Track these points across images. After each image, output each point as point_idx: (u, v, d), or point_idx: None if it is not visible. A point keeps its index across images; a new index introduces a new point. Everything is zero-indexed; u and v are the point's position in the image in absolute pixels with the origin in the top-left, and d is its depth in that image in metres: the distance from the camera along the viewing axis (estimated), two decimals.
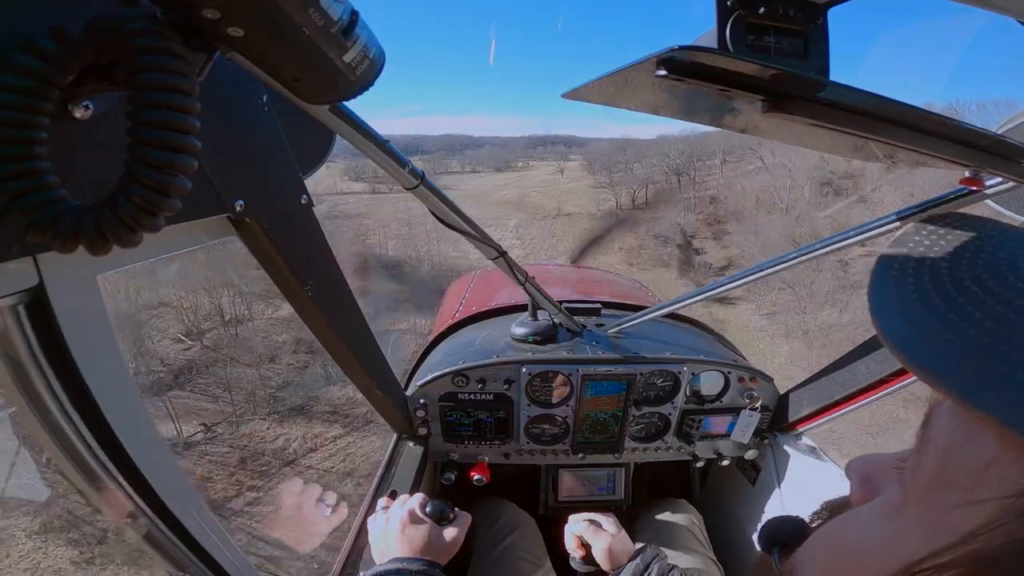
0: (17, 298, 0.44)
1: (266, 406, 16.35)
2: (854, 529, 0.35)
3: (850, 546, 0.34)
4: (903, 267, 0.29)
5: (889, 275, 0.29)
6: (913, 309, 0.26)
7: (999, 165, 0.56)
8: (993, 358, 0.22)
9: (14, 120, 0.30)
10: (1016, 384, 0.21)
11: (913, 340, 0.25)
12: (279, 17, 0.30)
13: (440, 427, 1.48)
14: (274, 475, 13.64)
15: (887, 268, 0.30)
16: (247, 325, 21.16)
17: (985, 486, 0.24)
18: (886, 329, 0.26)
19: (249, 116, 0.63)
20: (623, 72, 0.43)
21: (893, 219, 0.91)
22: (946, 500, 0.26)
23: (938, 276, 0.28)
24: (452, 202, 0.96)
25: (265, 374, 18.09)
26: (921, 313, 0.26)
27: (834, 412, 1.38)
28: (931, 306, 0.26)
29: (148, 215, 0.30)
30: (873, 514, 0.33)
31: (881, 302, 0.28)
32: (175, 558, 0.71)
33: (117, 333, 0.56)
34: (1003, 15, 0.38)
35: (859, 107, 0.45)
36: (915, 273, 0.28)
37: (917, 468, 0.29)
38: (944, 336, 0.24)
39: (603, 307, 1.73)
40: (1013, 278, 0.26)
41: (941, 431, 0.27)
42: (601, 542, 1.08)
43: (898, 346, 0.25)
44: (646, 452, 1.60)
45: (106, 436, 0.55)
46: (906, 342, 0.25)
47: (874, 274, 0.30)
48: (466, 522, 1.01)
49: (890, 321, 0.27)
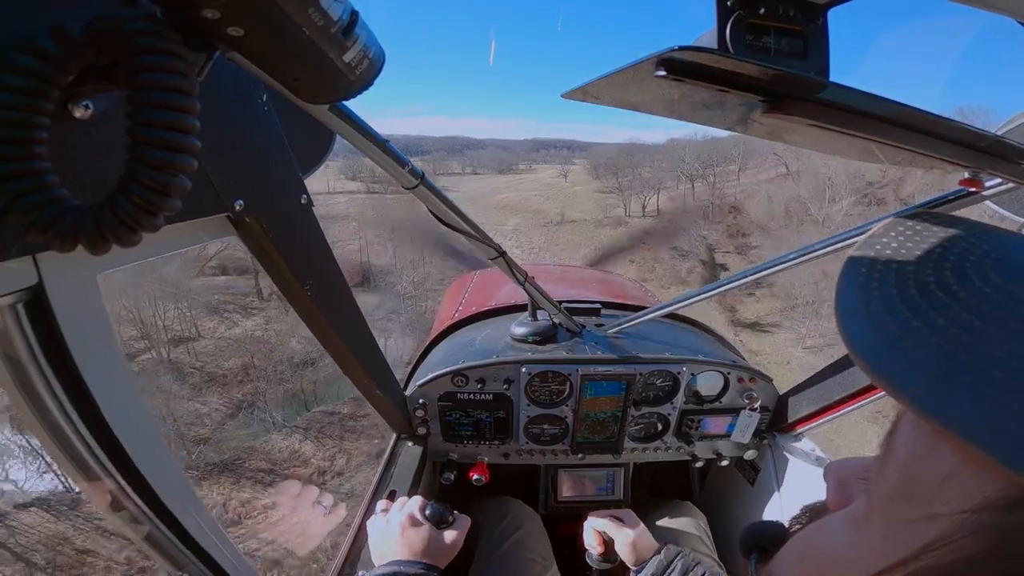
0: (16, 297, 0.44)
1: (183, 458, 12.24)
2: (826, 536, 0.34)
3: (820, 553, 0.34)
4: (869, 270, 0.28)
5: (855, 278, 0.28)
6: (876, 314, 0.26)
7: (998, 166, 0.56)
8: (954, 368, 0.22)
9: (14, 120, 0.30)
10: (976, 395, 0.20)
11: (874, 347, 0.25)
12: (279, 17, 0.30)
13: (439, 427, 1.48)
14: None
15: (854, 271, 0.29)
16: (190, 347, 17.43)
17: (942, 500, 0.23)
18: (848, 335, 0.26)
19: (249, 116, 0.63)
20: (623, 72, 0.43)
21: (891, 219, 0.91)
22: (906, 513, 0.26)
23: (903, 280, 0.27)
24: (452, 202, 0.96)
25: (193, 414, 14.15)
26: (884, 319, 0.25)
27: (833, 413, 1.38)
28: (894, 312, 0.25)
29: (148, 215, 0.30)
30: (842, 522, 0.33)
31: (846, 306, 0.27)
32: (174, 558, 0.71)
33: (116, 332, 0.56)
34: (1003, 15, 0.38)
35: (859, 108, 0.45)
36: (881, 276, 0.28)
37: (880, 479, 0.28)
38: (905, 344, 0.24)
39: (603, 307, 1.73)
40: (980, 282, 0.25)
41: (903, 442, 0.27)
42: (625, 537, 1.08)
43: (859, 353, 0.25)
44: (645, 452, 1.60)
45: (105, 435, 0.55)
46: (867, 349, 0.25)
47: (841, 276, 0.29)
48: (465, 525, 1.01)
49: (853, 327, 0.26)
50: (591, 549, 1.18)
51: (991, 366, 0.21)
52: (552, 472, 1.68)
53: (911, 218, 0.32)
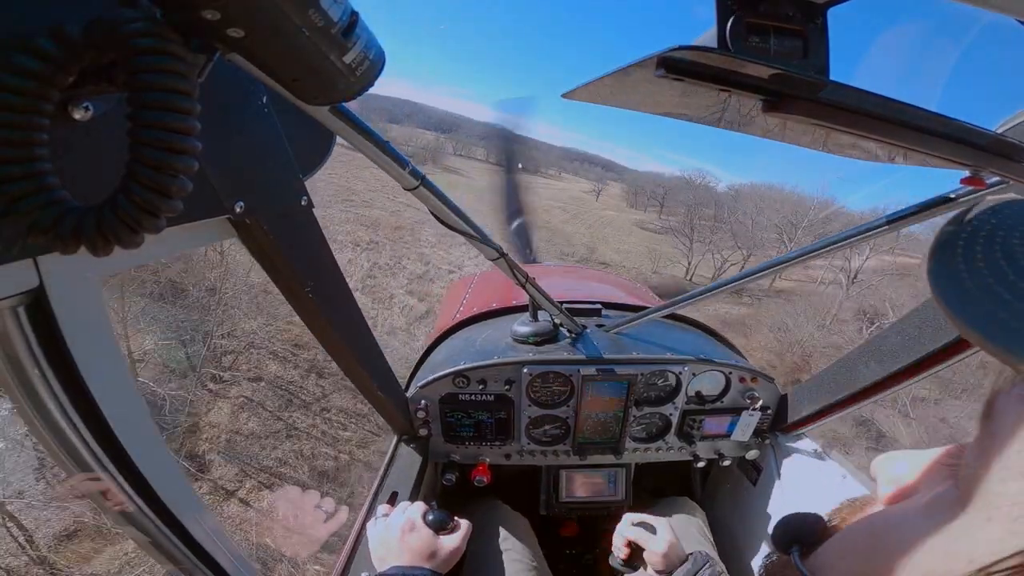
0: (17, 299, 0.44)
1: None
2: (896, 529, 0.33)
3: (891, 546, 0.33)
4: (966, 244, 0.28)
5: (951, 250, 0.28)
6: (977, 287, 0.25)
7: (999, 164, 0.56)
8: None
9: (14, 122, 0.30)
10: None
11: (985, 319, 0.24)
12: (279, 18, 0.30)
13: (441, 428, 1.48)
14: None
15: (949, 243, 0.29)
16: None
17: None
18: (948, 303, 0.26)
19: (249, 117, 0.63)
20: (623, 72, 0.43)
21: (883, 222, 0.91)
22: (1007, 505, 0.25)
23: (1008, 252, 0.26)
24: (452, 203, 0.96)
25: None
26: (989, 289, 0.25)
27: (835, 413, 1.38)
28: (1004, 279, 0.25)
29: (149, 216, 0.30)
30: (921, 513, 0.32)
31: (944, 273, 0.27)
32: (175, 558, 0.71)
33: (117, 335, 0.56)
34: (1003, 15, 0.38)
35: (859, 107, 0.45)
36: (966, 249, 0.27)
37: (980, 463, 0.27)
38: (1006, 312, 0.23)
39: (604, 307, 1.73)
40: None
41: (1009, 418, 0.26)
42: (656, 547, 1.07)
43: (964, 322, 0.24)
44: (647, 452, 1.60)
45: (106, 437, 0.55)
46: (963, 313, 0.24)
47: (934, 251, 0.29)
48: (467, 531, 1.00)
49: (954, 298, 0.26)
50: (617, 552, 1.18)
51: None
52: (554, 473, 1.68)
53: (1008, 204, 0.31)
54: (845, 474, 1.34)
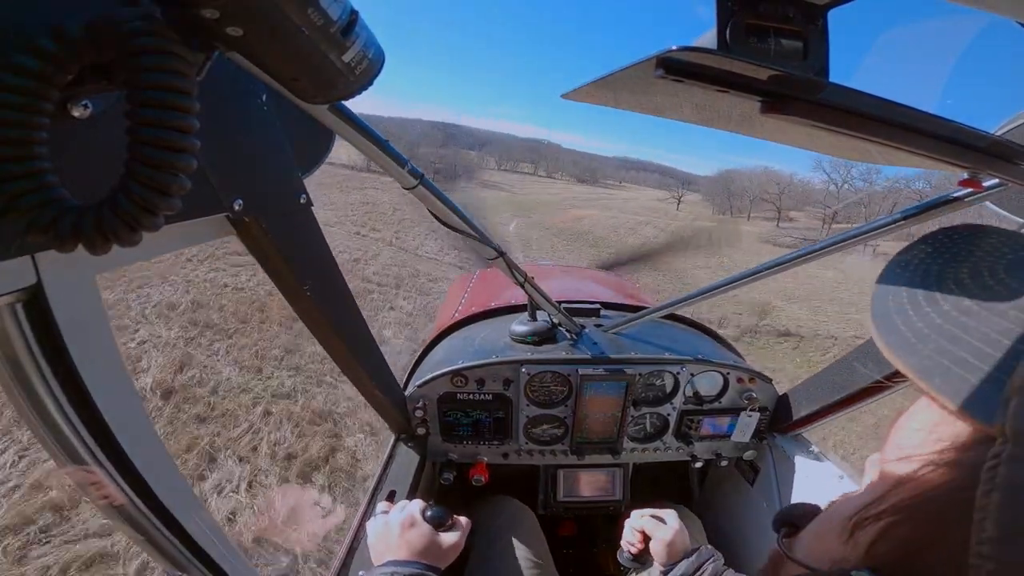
0: (15, 297, 0.44)
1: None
2: (838, 503, 0.39)
3: (825, 515, 0.40)
4: (903, 270, 0.34)
5: (891, 275, 0.34)
6: (899, 303, 0.31)
7: (997, 167, 0.56)
8: (947, 343, 0.27)
9: (14, 120, 0.30)
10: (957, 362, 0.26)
11: (890, 328, 0.30)
12: (278, 17, 0.30)
13: (439, 427, 1.48)
14: None
15: (892, 270, 0.34)
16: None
17: (923, 445, 0.29)
18: (876, 322, 0.31)
19: (248, 115, 0.63)
20: (622, 73, 0.43)
21: (884, 223, 0.92)
22: (887, 460, 0.31)
23: (927, 276, 0.32)
24: (452, 202, 0.96)
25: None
26: (905, 308, 0.31)
27: (833, 414, 1.38)
28: (914, 301, 0.31)
29: (148, 214, 0.31)
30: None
31: (880, 298, 0.33)
32: (173, 558, 0.71)
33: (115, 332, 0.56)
34: (1003, 16, 0.38)
35: (858, 108, 0.45)
36: (911, 275, 0.33)
37: (885, 447, 0.33)
38: (912, 327, 0.29)
39: (602, 308, 1.73)
40: (988, 278, 0.30)
41: (908, 413, 0.32)
42: (663, 535, 1.09)
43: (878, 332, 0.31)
44: (645, 452, 1.60)
45: (103, 435, 0.55)
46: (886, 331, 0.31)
47: (883, 274, 0.34)
48: (466, 528, 1.01)
49: (881, 317, 0.31)
50: (628, 547, 1.19)
51: (973, 338, 0.26)
52: (551, 472, 1.68)
53: (951, 229, 0.37)
54: (842, 475, 1.34)
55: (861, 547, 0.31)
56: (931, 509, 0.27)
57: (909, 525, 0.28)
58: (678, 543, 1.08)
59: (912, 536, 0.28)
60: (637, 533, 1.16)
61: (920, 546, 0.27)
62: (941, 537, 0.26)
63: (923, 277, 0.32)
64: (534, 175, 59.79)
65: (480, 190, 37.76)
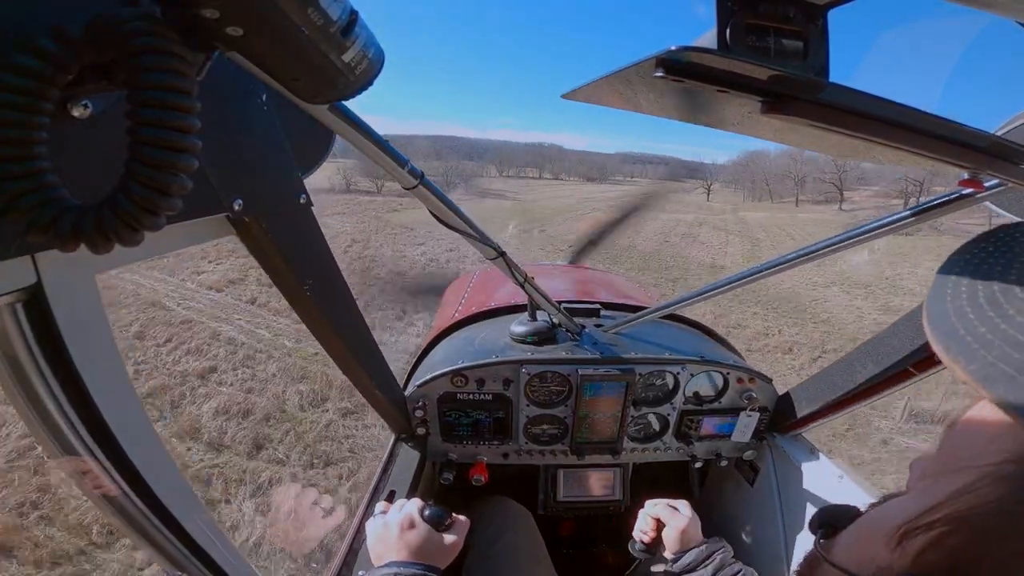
0: (15, 296, 0.44)
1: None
2: (883, 507, 0.39)
3: (868, 520, 0.40)
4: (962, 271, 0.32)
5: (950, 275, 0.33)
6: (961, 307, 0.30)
7: (998, 167, 0.56)
8: (1013, 349, 0.25)
9: (14, 120, 0.30)
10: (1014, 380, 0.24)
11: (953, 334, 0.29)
12: (278, 17, 0.30)
13: (439, 427, 1.48)
14: None
15: (949, 270, 0.33)
16: None
17: (980, 456, 0.28)
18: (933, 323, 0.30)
19: (248, 115, 0.63)
20: (622, 73, 0.43)
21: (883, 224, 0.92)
22: (940, 471, 0.31)
23: (990, 279, 0.31)
24: (451, 202, 0.96)
25: None
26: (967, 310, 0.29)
27: (832, 414, 1.38)
28: (977, 305, 0.29)
29: (148, 214, 0.31)
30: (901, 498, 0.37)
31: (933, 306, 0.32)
32: (173, 557, 0.71)
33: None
34: (1003, 16, 0.38)
35: (858, 108, 0.45)
36: (971, 276, 0.32)
37: (937, 452, 0.33)
38: (976, 331, 0.28)
39: (602, 308, 1.73)
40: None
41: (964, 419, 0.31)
42: (678, 523, 1.11)
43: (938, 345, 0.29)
44: (645, 453, 1.60)
45: (103, 434, 0.55)
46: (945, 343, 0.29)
47: (941, 271, 0.34)
48: (465, 527, 1.01)
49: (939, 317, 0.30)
50: (641, 536, 1.20)
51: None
52: (551, 472, 1.68)
53: (1017, 226, 0.36)
54: (842, 475, 1.34)
55: (909, 555, 0.30)
56: (987, 522, 0.26)
57: (962, 536, 0.28)
58: (691, 532, 1.09)
59: (964, 547, 0.28)
60: (651, 521, 1.18)
61: (971, 557, 0.27)
62: (994, 549, 0.26)
63: (985, 279, 0.30)
64: (539, 179, 56.86)
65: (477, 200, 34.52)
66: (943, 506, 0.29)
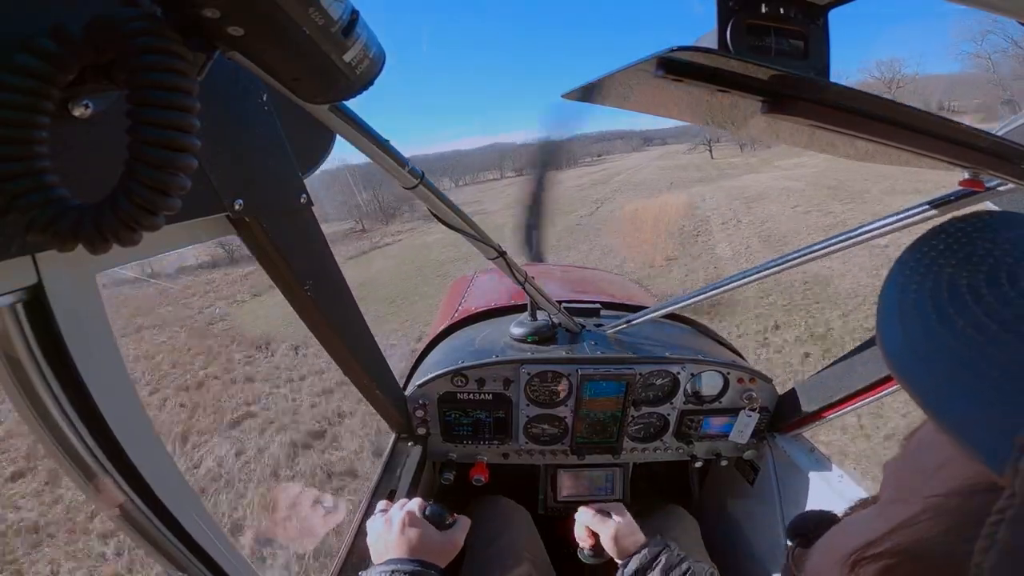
0: (15, 297, 0.44)
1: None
2: (852, 519, 0.37)
3: (837, 532, 0.38)
4: (912, 272, 0.29)
5: (898, 279, 0.29)
6: (908, 316, 0.27)
7: (998, 167, 0.56)
8: (960, 368, 0.23)
9: (14, 120, 0.30)
10: (972, 395, 0.22)
11: (899, 348, 0.26)
12: (279, 17, 0.30)
13: (439, 427, 1.48)
14: None
15: (898, 272, 0.30)
16: None
17: (928, 486, 0.26)
18: (880, 335, 0.27)
19: (249, 115, 0.63)
20: (623, 72, 0.43)
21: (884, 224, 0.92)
22: (892, 495, 0.29)
23: (938, 284, 0.27)
24: (452, 202, 0.96)
25: None
26: (913, 321, 0.26)
27: (832, 413, 1.38)
28: (923, 314, 0.26)
29: (148, 214, 0.30)
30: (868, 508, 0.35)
31: (885, 307, 0.29)
32: (173, 557, 0.71)
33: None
34: (1003, 16, 0.38)
35: (859, 108, 0.45)
36: (920, 279, 0.28)
37: (893, 467, 0.31)
38: (924, 346, 0.25)
39: (602, 307, 1.73)
40: (1008, 287, 0.25)
41: (917, 436, 0.29)
42: (608, 529, 1.07)
43: (885, 352, 0.27)
44: (645, 452, 1.60)
45: (104, 435, 0.55)
46: (893, 349, 0.26)
47: (887, 277, 0.30)
48: (465, 526, 1.01)
49: (886, 327, 0.27)
50: (581, 543, 1.18)
51: (994, 369, 0.22)
52: (552, 472, 1.68)
53: (965, 219, 0.32)
54: (842, 475, 1.34)
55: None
56: (930, 558, 0.25)
57: (906, 570, 0.27)
58: (625, 537, 1.06)
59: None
60: (585, 529, 1.14)
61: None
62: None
63: (933, 285, 0.27)
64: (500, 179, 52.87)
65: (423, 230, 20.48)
66: (891, 535, 0.27)
